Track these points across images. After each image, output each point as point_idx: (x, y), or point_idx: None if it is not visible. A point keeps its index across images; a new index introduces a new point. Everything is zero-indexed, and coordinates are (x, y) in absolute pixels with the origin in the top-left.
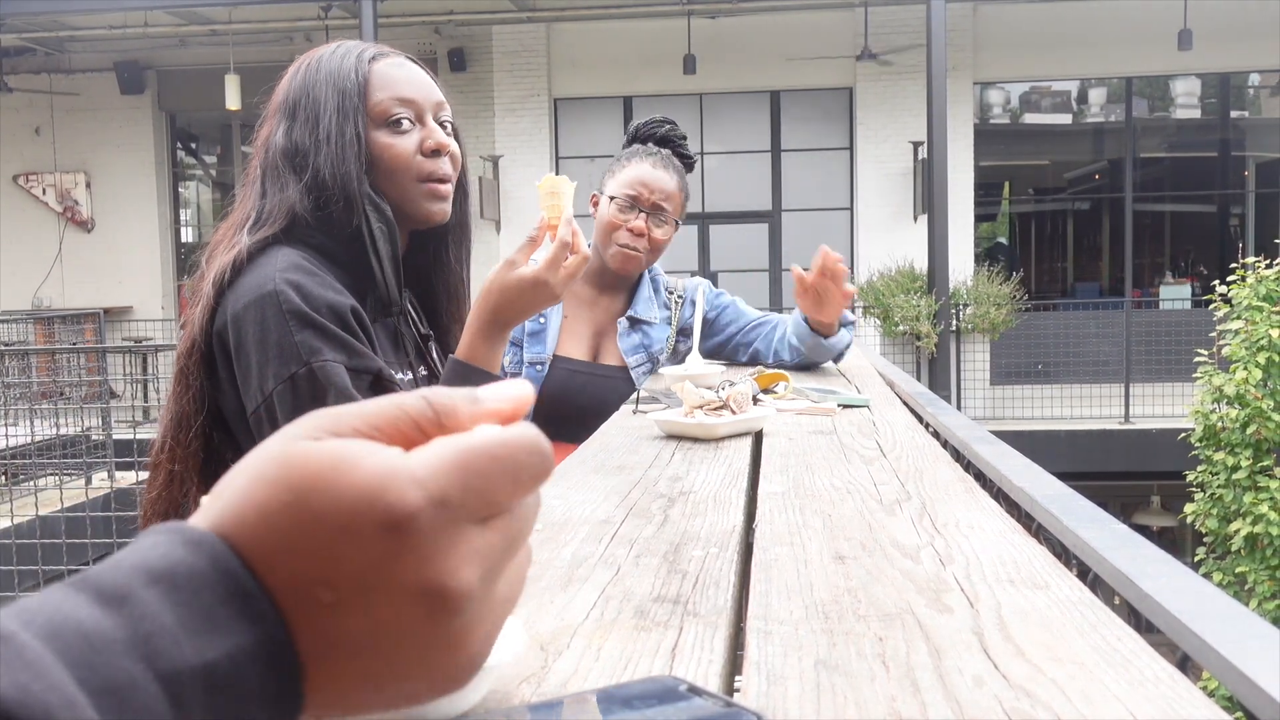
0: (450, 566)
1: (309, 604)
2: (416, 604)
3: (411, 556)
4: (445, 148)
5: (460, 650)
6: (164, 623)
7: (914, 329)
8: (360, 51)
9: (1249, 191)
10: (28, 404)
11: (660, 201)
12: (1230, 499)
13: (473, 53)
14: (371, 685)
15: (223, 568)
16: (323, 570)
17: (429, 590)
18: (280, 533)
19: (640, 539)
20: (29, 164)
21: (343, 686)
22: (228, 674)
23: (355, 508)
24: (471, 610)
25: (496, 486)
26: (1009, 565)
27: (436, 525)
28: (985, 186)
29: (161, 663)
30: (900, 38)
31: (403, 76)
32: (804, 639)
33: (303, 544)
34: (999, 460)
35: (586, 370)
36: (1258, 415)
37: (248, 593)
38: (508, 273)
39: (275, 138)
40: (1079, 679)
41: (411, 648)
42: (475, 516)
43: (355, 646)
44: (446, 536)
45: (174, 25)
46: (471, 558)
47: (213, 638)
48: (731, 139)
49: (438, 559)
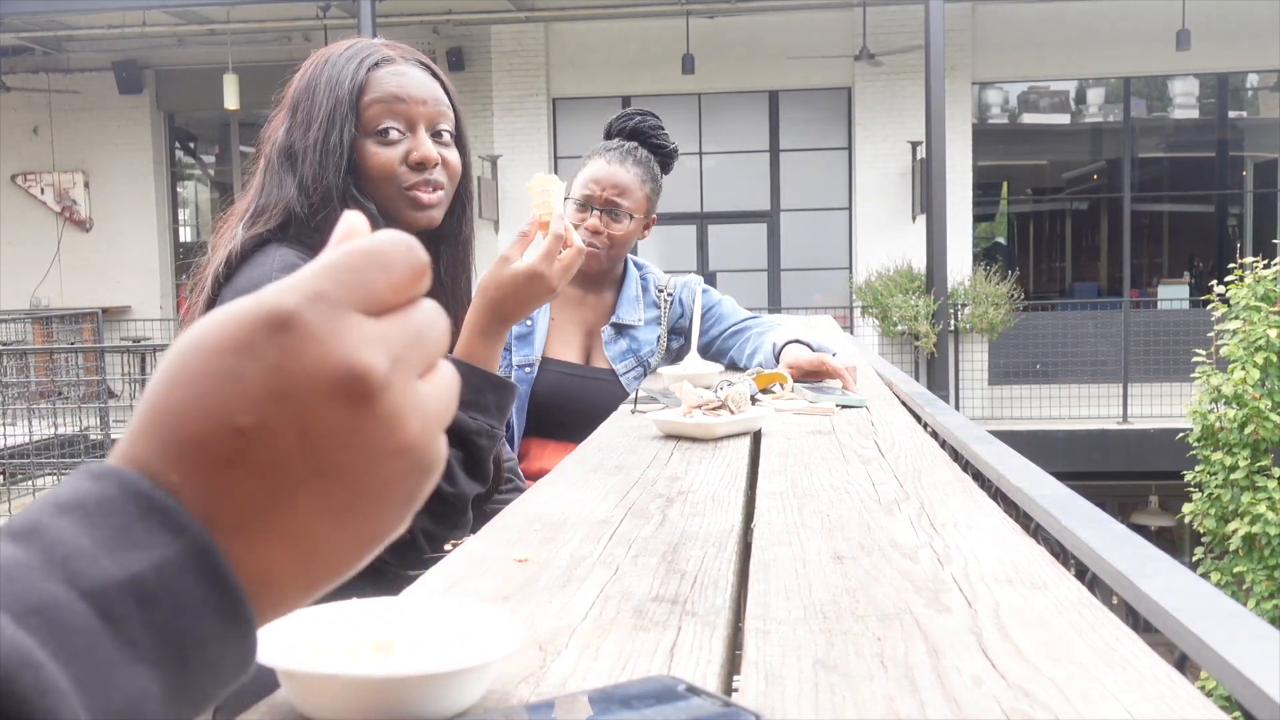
0: (348, 348)
1: (232, 440)
2: (334, 395)
3: (308, 346)
4: (431, 160)
5: (399, 442)
6: (80, 545)
7: (912, 329)
8: (365, 56)
9: (1247, 191)
10: (26, 404)
11: (613, 197)
12: (1228, 499)
13: (471, 52)
14: (324, 526)
15: (132, 489)
16: (231, 395)
17: (337, 374)
18: (183, 384)
19: (639, 539)
20: (27, 163)
21: (293, 549)
22: (157, 585)
23: (240, 324)
24: (393, 396)
25: (368, 275)
26: (1007, 565)
27: (321, 316)
28: (983, 186)
29: (83, 581)
30: (899, 38)
31: (400, 85)
32: (802, 639)
33: (205, 382)
34: (997, 460)
35: (578, 373)
36: (1255, 415)
37: (164, 508)
38: (503, 268)
39: (277, 135)
40: (1077, 678)
41: (349, 453)
42: (358, 305)
43: (294, 475)
44: (336, 324)
45: (172, 25)
46: (370, 341)
47: (133, 552)
48: (730, 139)
49: (334, 344)
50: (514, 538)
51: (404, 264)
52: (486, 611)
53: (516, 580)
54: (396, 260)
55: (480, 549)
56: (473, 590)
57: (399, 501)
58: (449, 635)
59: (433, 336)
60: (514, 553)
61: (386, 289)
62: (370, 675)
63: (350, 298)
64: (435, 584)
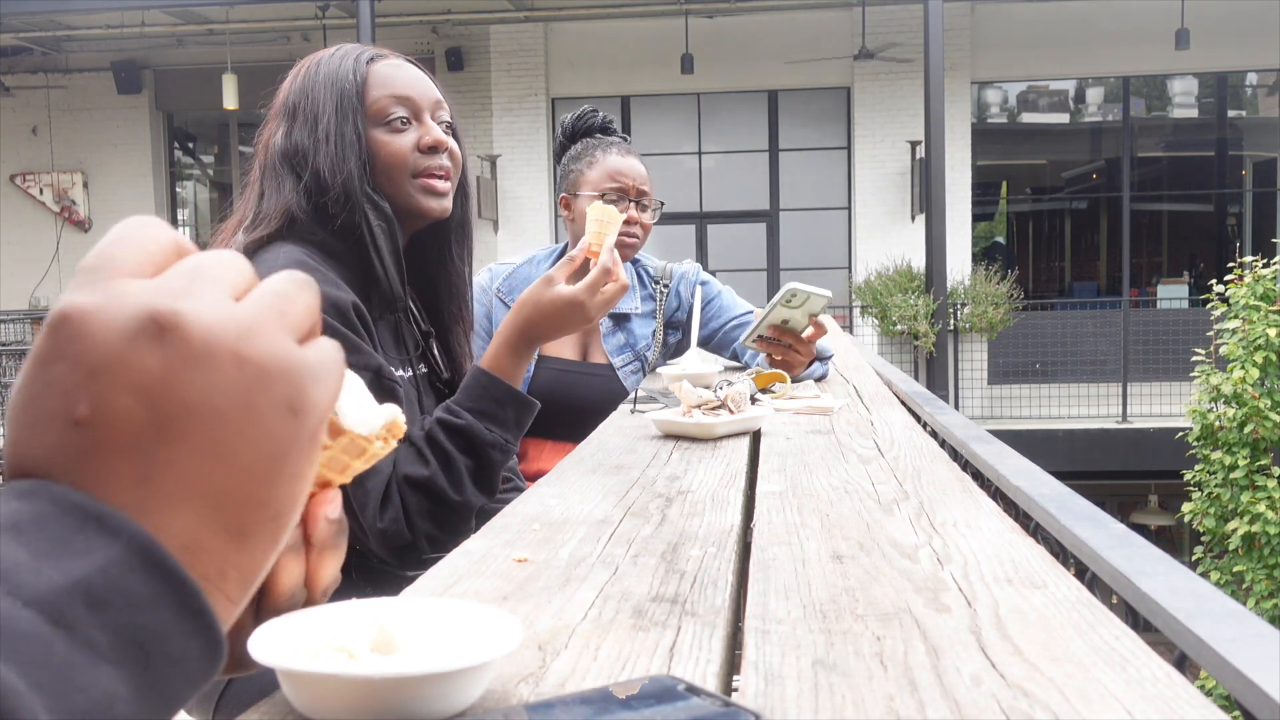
0: (129, 304)
1: (86, 440)
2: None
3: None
4: (442, 144)
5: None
6: (17, 558)
7: (911, 328)
8: (359, 54)
9: (1246, 191)
10: None
11: (641, 186)
12: (1228, 498)
13: (470, 52)
14: (209, 462)
15: (64, 502)
16: (56, 399)
17: (129, 329)
18: (20, 409)
19: (638, 539)
20: (26, 164)
21: (191, 492)
22: (104, 587)
23: (36, 344)
24: (195, 318)
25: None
26: (1006, 564)
27: (88, 295)
28: (983, 186)
29: (26, 591)
30: (898, 37)
31: (400, 76)
32: (802, 638)
33: (34, 402)
34: (997, 459)
35: (575, 369)
36: (1255, 414)
37: (99, 514)
38: (545, 289)
39: (275, 140)
40: (1076, 678)
41: (184, 389)
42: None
43: (154, 432)
44: (106, 293)
45: (171, 25)
46: (145, 291)
47: (75, 559)
48: (729, 138)
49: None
50: (513, 537)
51: (145, 240)
52: (486, 611)
53: (515, 580)
54: (135, 239)
55: (479, 549)
56: (472, 590)
57: (273, 407)
58: (448, 635)
59: (217, 269)
60: (513, 552)
61: (142, 259)
62: (369, 675)
63: (110, 271)
64: (434, 584)
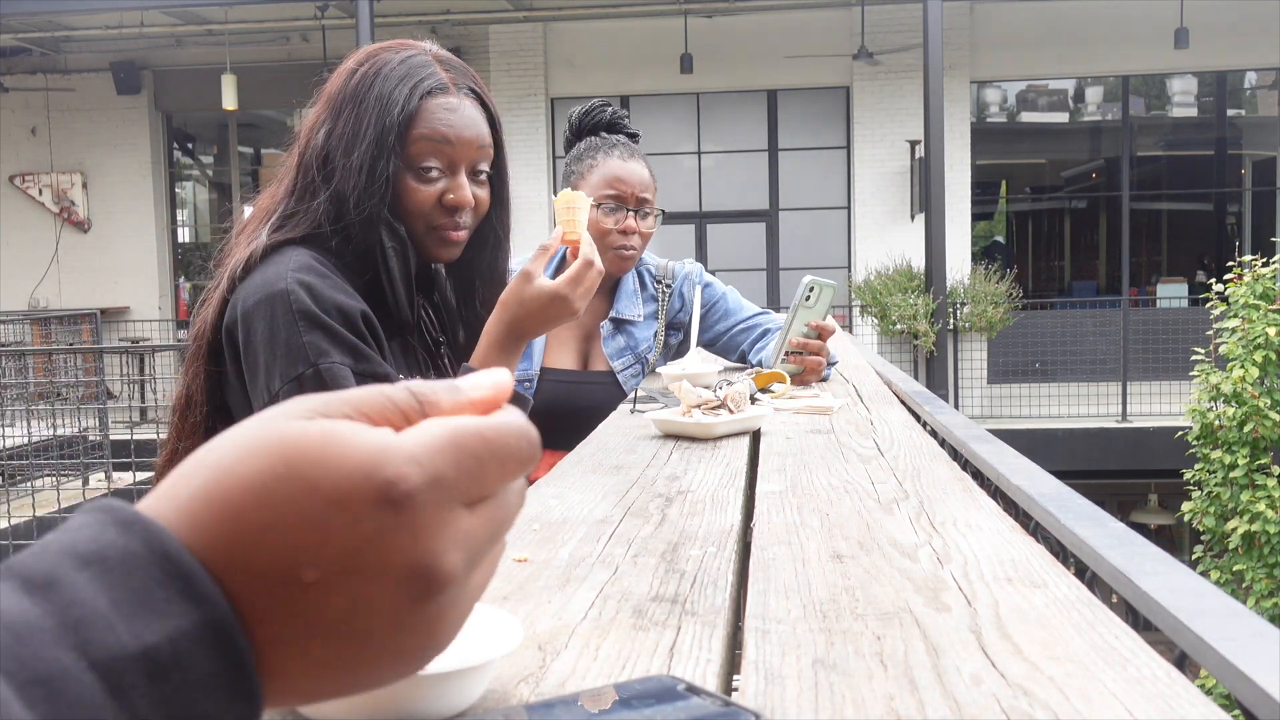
0: (439, 547)
1: (289, 584)
2: (401, 585)
3: (404, 534)
4: (465, 204)
5: (433, 636)
6: (96, 607)
7: (911, 328)
8: (418, 81)
9: (1245, 190)
10: (24, 404)
11: (641, 194)
12: (1227, 497)
13: (469, 52)
14: (337, 669)
15: (158, 549)
16: (310, 546)
17: (416, 571)
18: (270, 507)
19: (638, 538)
20: (25, 164)
21: (308, 668)
22: (170, 659)
23: (352, 480)
24: (451, 595)
25: (487, 468)
26: (1006, 564)
27: (431, 503)
28: (982, 185)
29: (95, 650)
30: (897, 37)
31: (450, 124)
32: (802, 638)
33: (293, 517)
34: (996, 459)
35: (574, 379)
36: (1255, 413)
37: (188, 573)
38: (526, 285)
39: (317, 135)
40: (1077, 677)
41: (387, 631)
42: (465, 498)
43: (330, 629)
44: (439, 516)
45: (170, 25)
46: (460, 540)
47: (150, 620)
48: (728, 138)
49: (428, 539)
50: (513, 537)
51: (519, 463)
52: (486, 611)
53: (515, 580)
54: (515, 456)
55: None
56: None
57: (402, 669)
58: None
59: (508, 525)
60: (513, 552)
61: (497, 482)
62: None
63: (462, 489)
64: None
